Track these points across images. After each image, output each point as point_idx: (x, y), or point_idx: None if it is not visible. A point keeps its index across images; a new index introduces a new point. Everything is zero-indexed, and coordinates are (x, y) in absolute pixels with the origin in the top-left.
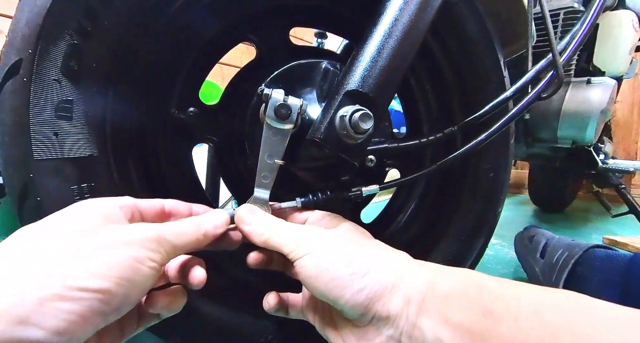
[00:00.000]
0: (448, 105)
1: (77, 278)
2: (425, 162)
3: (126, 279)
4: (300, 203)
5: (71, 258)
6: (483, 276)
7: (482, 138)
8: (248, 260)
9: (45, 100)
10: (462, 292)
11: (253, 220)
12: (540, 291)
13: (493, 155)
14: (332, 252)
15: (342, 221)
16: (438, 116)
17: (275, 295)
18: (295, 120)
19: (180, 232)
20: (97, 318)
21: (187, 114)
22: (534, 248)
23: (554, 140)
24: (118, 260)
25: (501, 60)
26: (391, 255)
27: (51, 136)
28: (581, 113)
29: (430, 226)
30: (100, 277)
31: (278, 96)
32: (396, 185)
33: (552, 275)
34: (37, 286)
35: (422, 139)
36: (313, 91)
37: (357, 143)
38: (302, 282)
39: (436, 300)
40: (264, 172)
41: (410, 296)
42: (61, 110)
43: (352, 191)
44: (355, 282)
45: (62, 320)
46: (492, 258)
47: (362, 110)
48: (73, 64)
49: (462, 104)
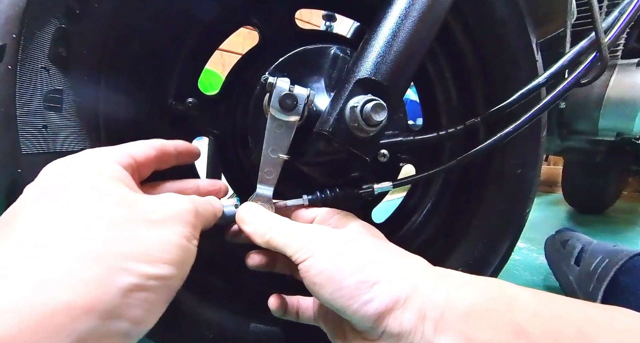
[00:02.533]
0: (470, 94)
1: (149, 264)
2: (443, 157)
3: (182, 261)
4: (307, 201)
5: (127, 238)
6: (514, 288)
7: (509, 130)
8: (247, 261)
9: (33, 89)
10: (489, 308)
11: (255, 220)
12: (586, 308)
13: (521, 150)
14: (338, 255)
15: (352, 220)
16: (459, 106)
17: (277, 297)
18: (302, 112)
19: (204, 206)
20: (165, 304)
21: (185, 104)
22: (567, 253)
23: (594, 132)
24: (173, 241)
25: (533, 42)
26: (405, 261)
27: (40, 129)
28: (629, 100)
29: (448, 227)
30: (167, 262)
31: (283, 85)
32: (411, 183)
33: (589, 284)
34: (115, 274)
35: (441, 132)
36: (321, 80)
37: (369, 136)
38: (307, 287)
39: (457, 317)
40: (267, 167)
41: (426, 310)
42: (50, 101)
43: (363, 188)
44: (362, 292)
45: (144, 310)
46: (519, 264)
47: (374, 100)
48: (62, 50)
49: (487, 93)
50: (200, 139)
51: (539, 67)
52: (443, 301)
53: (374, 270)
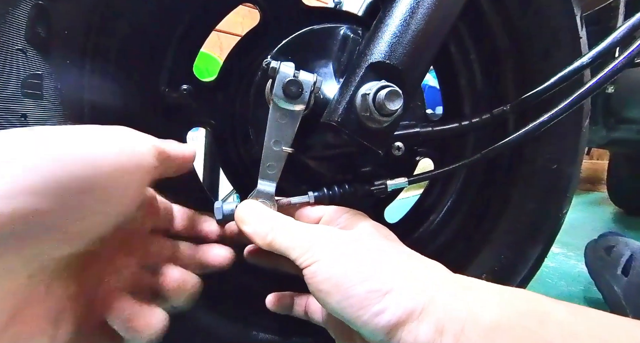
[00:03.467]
0: (499, 77)
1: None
2: (466, 151)
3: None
4: (313, 198)
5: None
6: (547, 301)
7: (544, 119)
8: (245, 255)
9: (9, 74)
10: (517, 324)
11: (256, 219)
12: (636, 329)
13: (558, 142)
14: (346, 260)
15: (363, 220)
16: (485, 92)
17: (275, 296)
18: (308, 100)
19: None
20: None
21: (179, 92)
22: (613, 261)
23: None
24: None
25: (577, 15)
26: (421, 268)
27: (19, 118)
28: None
29: (471, 229)
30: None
31: (287, 71)
32: (429, 178)
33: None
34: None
35: (464, 122)
36: (329, 64)
37: (382, 127)
38: (312, 294)
39: (480, 332)
40: (269, 161)
41: (445, 324)
42: (29, 87)
43: (375, 185)
44: (373, 302)
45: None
46: (553, 272)
47: (389, 87)
48: (40, 30)
49: (519, 76)
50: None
51: (583, 44)
52: (464, 314)
53: (386, 278)
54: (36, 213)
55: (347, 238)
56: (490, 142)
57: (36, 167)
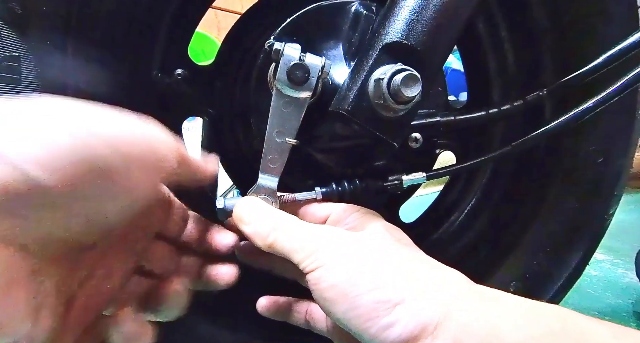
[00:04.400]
0: (535, 58)
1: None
2: (493, 142)
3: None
4: (320, 194)
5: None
6: (586, 321)
7: (588, 106)
8: (237, 252)
9: None
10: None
11: (256, 218)
12: None
13: (605, 132)
14: (354, 266)
15: (375, 221)
16: (517, 76)
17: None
18: (315, 86)
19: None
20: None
21: (173, 77)
22: None
23: None
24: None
25: None
26: (437, 276)
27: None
28: None
29: (498, 230)
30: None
31: (292, 53)
32: (451, 174)
33: None
34: None
35: (492, 110)
36: (339, 45)
37: (398, 116)
38: (316, 302)
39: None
40: (272, 153)
41: (463, 341)
42: (5, 70)
43: (389, 180)
44: (382, 313)
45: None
46: (597, 282)
47: (406, 70)
48: (15, 6)
49: (559, 56)
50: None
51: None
52: (485, 331)
53: (397, 287)
54: (40, 187)
55: (355, 241)
56: (522, 132)
57: (56, 142)
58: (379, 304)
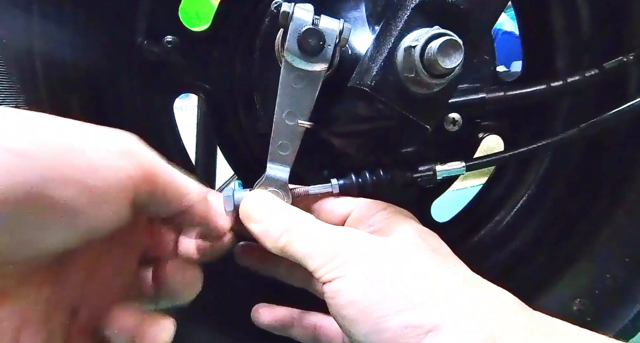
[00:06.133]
0: (617, 15)
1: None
2: (554, 124)
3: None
4: (338, 188)
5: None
6: None
7: None
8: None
9: None
10: None
11: (267, 216)
12: None
13: None
14: (379, 280)
15: (405, 222)
16: (592, 39)
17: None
18: (331, 57)
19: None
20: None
21: (161, 45)
22: None
23: None
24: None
25: None
26: (482, 298)
27: None
28: None
29: (557, 234)
30: None
31: (304, 16)
32: (497, 164)
33: None
34: None
35: (555, 82)
36: (360, 5)
37: (433, 93)
38: (332, 316)
39: None
40: (281, 139)
41: None
42: None
43: (420, 171)
44: (412, 340)
45: None
46: None
47: (444, 35)
48: None
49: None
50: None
51: None
52: None
53: (431, 310)
54: None
55: (383, 248)
56: (594, 111)
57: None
58: (408, 329)
